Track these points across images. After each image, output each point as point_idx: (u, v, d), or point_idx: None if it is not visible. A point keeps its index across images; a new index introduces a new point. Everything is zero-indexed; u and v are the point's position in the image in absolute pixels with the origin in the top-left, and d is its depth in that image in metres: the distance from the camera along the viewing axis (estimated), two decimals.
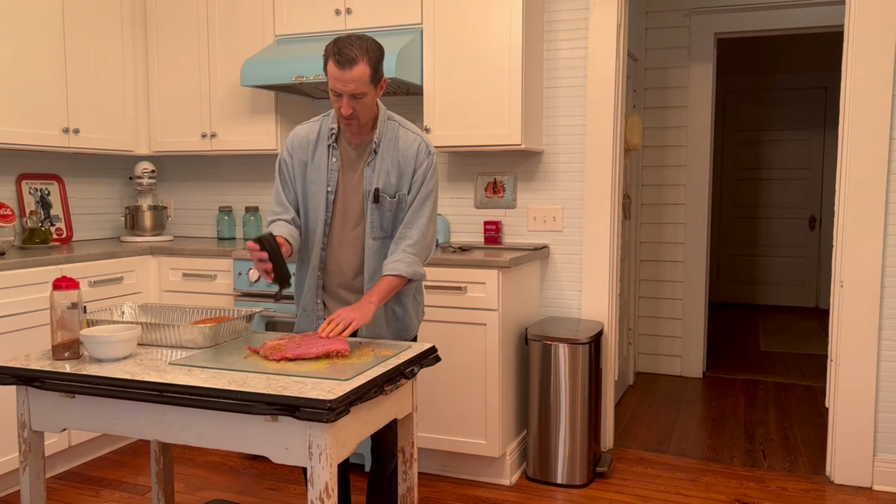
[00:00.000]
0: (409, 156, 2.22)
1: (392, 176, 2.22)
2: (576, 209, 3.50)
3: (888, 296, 3.06)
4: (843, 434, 3.14)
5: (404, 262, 2.17)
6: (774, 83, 7.40)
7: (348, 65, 2.03)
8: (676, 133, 4.80)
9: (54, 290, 1.86)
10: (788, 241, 7.51)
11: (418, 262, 2.20)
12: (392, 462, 2.36)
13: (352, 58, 2.03)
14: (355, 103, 2.09)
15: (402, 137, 2.23)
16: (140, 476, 3.27)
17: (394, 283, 2.16)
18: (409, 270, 2.16)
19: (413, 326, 2.37)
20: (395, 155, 2.22)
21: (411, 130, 2.26)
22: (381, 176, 2.21)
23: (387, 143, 2.22)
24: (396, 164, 2.22)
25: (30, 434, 1.88)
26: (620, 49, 3.41)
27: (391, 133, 2.23)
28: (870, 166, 3.04)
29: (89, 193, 4.06)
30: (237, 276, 3.39)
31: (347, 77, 2.04)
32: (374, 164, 2.21)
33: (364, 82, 2.06)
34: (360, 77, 2.04)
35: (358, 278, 2.29)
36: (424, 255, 2.24)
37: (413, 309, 2.36)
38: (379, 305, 2.13)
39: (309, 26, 3.51)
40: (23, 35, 3.30)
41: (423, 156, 2.23)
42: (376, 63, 2.09)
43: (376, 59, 2.09)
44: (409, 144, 2.23)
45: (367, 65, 2.05)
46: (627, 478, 3.22)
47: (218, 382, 1.66)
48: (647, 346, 4.99)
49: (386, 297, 2.15)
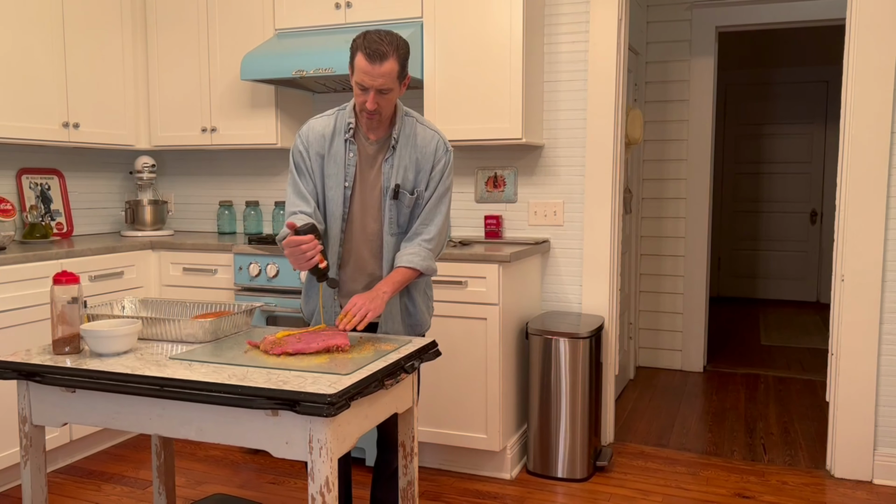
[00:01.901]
0: (428, 153, 2.22)
1: (410, 172, 2.21)
2: (576, 203, 3.49)
3: (889, 290, 3.06)
4: (844, 428, 3.14)
5: (420, 255, 2.17)
6: (776, 77, 7.38)
7: (378, 59, 2.02)
8: (677, 127, 4.79)
9: (55, 285, 1.86)
10: (789, 235, 7.50)
11: (432, 258, 2.22)
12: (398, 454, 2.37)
13: (382, 52, 2.02)
14: (381, 98, 2.08)
15: (420, 134, 2.23)
16: (141, 470, 3.28)
17: (407, 276, 2.17)
18: (424, 265, 2.18)
19: (425, 321, 2.38)
20: (413, 152, 2.21)
21: (429, 127, 2.26)
22: (400, 172, 2.20)
23: (405, 140, 2.21)
24: (415, 160, 2.21)
25: (31, 428, 1.88)
26: (621, 43, 3.40)
27: (409, 129, 2.23)
28: (871, 160, 3.03)
29: (89, 188, 4.06)
30: (238, 271, 3.39)
31: (377, 72, 2.02)
32: (392, 160, 2.20)
33: (392, 78, 2.05)
34: (389, 72, 2.04)
35: (375, 274, 2.28)
36: (438, 250, 2.26)
37: (424, 304, 2.37)
38: (391, 296, 2.13)
39: (309, 20, 3.50)
40: (22, 29, 3.29)
41: (442, 153, 2.24)
42: (404, 60, 2.09)
43: (404, 55, 2.09)
44: (427, 141, 2.23)
45: (396, 61, 2.04)
46: (628, 472, 3.23)
47: (218, 377, 1.67)
48: (648, 341, 4.99)
49: (398, 288, 2.15)
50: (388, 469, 2.37)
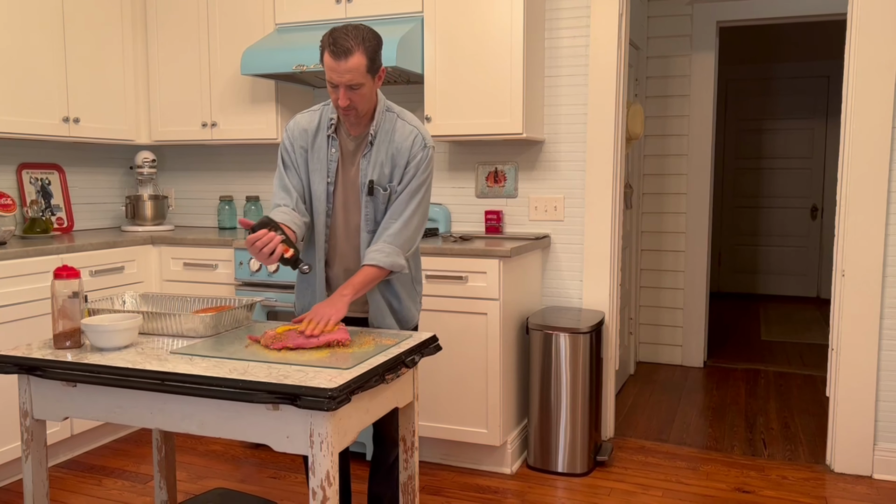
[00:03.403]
0: (404, 148, 2.18)
1: (386, 168, 2.19)
2: (577, 199, 3.49)
3: (889, 285, 3.06)
4: (844, 423, 3.14)
5: (383, 252, 2.13)
6: (777, 72, 7.37)
7: (343, 55, 2.00)
8: (678, 122, 4.79)
9: (55, 280, 1.86)
10: (790, 230, 7.50)
11: (398, 254, 2.15)
12: (395, 449, 2.36)
13: (347, 48, 2.00)
14: (352, 94, 2.06)
15: (399, 129, 2.20)
16: (142, 465, 3.28)
17: (371, 275, 2.12)
18: (388, 261, 2.12)
19: (412, 317, 2.36)
20: (389, 147, 2.19)
21: (409, 122, 2.22)
22: (376, 168, 2.18)
23: (383, 135, 2.19)
24: (391, 156, 2.19)
25: (32, 423, 1.88)
26: (622, 38, 3.39)
27: (388, 125, 2.20)
28: (872, 156, 3.03)
29: (90, 183, 4.06)
30: (238, 266, 3.39)
31: (343, 68, 2.01)
32: (369, 155, 2.19)
33: (360, 73, 2.03)
34: (355, 67, 2.01)
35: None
36: (407, 246, 2.18)
37: (411, 299, 2.35)
38: (353, 298, 2.08)
39: (309, 15, 3.50)
40: (22, 23, 3.29)
41: (418, 148, 2.19)
42: (373, 53, 2.05)
43: (373, 48, 2.05)
44: (404, 136, 2.19)
45: (363, 55, 2.02)
46: (628, 466, 3.23)
47: (219, 371, 1.67)
48: (648, 336, 5.00)
49: (361, 289, 2.10)
50: (385, 463, 2.37)
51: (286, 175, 2.25)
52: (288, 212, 2.19)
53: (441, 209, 3.67)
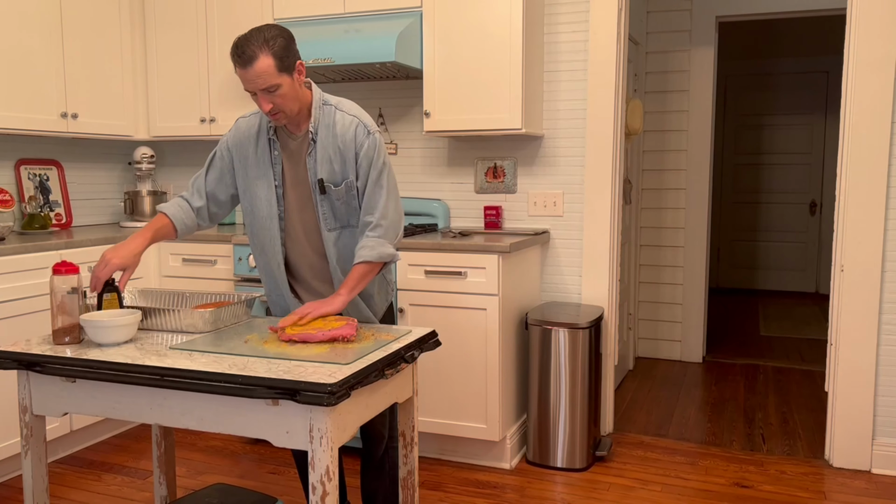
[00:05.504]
0: (348, 140, 2.13)
1: (335, 163, 2.14)
2: (576, 194, 3.49)
3: (888, 280, 3.06)
4: (843, 418, 3.15)
5: (368, 246, 2.11)
6: (776, 67, 7.36)
7: (248, 62, 1.96)
8: (677, 117, 4.78)
9: (54, 275, 1.86)
10: (789, 225, 7.50)
11: (384, 244, 2.13)
12: (382, 443, 2.36)
13: (250, 55, 1.96)
14: (273, 97, 2.01)
15: (340, 121, 2.14)
16: (141, 460, 3.28)
17: (364, 271, 2.11)
18: (375, 254, 2.10)
19: (376, 305, 2.33)
20: (334, 141, 2.14)
21: (348, 113, 2.16)
22: (324, 165, 2.14)
23: (325, 130, 2.14)
24: (337, 150, 2.14)
25: (31, 418, 1.88)
26: (621, 33, 3.38)
27: (328, 118, 2.15)
28: (871, 151, 3.03)
29: (88, 179, 4.05)
30: (237, 262, 3.38)
31: (251, 74, 1.97)
32: (314, 153, 2.14)
33: (271, 74, 1.98)
34: (264, 70, 1.97)
35: (324, 268, 2.25)
36: (391, 235, 2.16)
37: (376, 288, 2.32)
38: (351, 296, 2.08)
39: (308, 10, 3.49)
40: (20, 19, 3.28)
41: (363, 137, 2.14)
42: (282, 51, 1.99)
43: (281, 46, 1.99)
44: (346, 128, 2.14)
45: (269, 56, 1.96)
46: (627, 462, 3.23)
47: (219, 366, 1.67)
48: (647, 331, 5.00)
49: (357, 286, 2.10)
50: (375, 459, 2.37)
51: (205, 175, 2.25)
52: (183, 207, 2.21)
53: (440, 204, 3.66)
